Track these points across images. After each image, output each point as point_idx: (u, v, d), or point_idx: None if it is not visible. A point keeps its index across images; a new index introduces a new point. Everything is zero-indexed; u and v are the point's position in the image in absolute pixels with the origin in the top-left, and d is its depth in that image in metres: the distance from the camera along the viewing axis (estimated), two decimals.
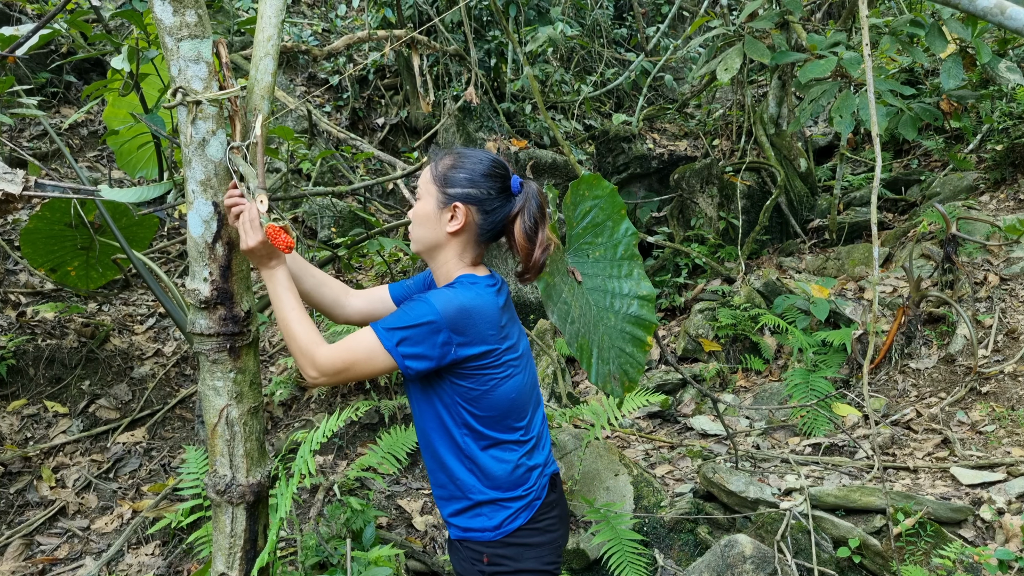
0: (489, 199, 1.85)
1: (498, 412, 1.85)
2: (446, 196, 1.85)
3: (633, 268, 2.32)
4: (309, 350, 1.76)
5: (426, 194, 1.88)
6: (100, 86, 3.39)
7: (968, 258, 5.24)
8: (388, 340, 1.74)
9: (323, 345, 1.77)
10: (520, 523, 1.88)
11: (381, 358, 1.75)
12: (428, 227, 1.88)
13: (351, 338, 1.78)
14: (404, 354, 1.74)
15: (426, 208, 1.88)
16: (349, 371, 1.77)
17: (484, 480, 1.86)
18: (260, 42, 2.05)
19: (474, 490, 1.87)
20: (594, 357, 2.26)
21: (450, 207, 1.84)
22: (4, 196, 2.20)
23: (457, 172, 1.86)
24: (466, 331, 1.76)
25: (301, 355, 1.77)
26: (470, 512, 1.89)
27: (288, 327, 1.80)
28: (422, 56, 6.70)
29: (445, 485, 1.92)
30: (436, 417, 1.87)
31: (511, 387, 1.86)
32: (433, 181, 1.87)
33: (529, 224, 1.86)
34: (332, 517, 3.22)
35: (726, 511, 3.49)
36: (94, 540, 3.50)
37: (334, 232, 6.27)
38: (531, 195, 1.88)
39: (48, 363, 4.27)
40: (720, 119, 8.19)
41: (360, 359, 1.76)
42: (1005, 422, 4.03)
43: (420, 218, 1.89)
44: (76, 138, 6.43)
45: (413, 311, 1.76)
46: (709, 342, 5.38)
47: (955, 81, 4.20)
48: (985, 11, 2.82)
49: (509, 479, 1.87)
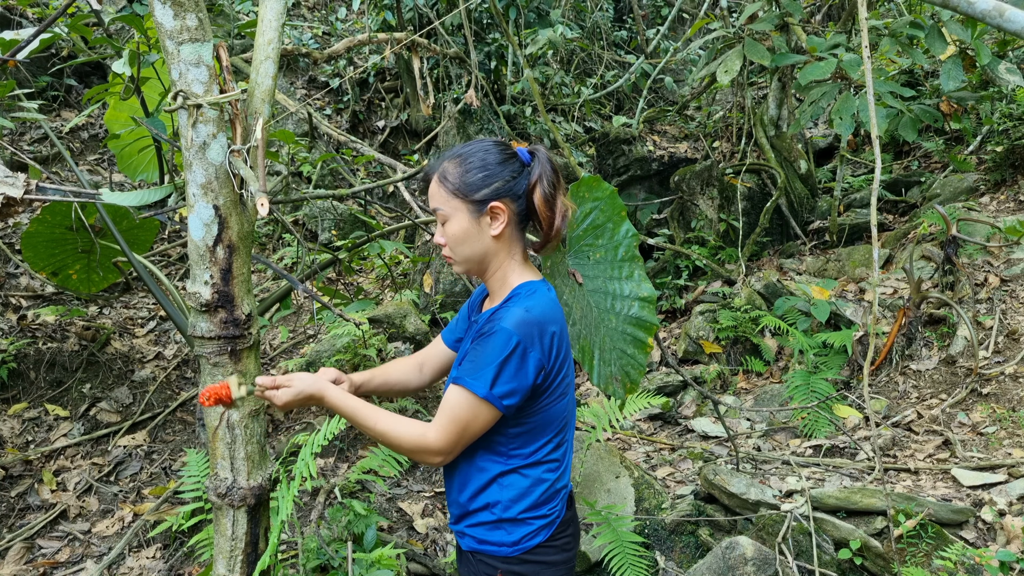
0: (515, 182, 1.75)
1: (547, 429, 1.79)
2: (477, 203, 1.74)
3: (634, 270, 2.32)
4: (419, 444, 1.69)
5: (453, 211, 1.75)
6: (101, 90, 3.40)
7: (969, 259, 5.24)
8: (482, 388, 1.65)
9: (428, 431, 1.69)
10: (540, 540, 1.81)
11: (485, 411, 1.67)
12: (471, 243, 1.77)
13: (446, 407, 1.70)
14: (501, 395, 1.66)
15: (461, 225, 1.75)
16: (464, 436, 1.69)
17: (515, 498, 1.79)
18: (261, 45, 2.05)
19: (500, 507, 1.79)
20: (596, 359, 2.26)
21: (487, 211, 1.74)
22: (5, 200, 2.20)
23: (474, 174, 1.74)
24: (549, 343, 1.70)
25: (418, 452, 1.70)
26: (490, 526, 1.81)
27: (387, 440, 1.71)
28: (422, 59, 6.71)
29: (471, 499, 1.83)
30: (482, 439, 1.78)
31: (560, 409, 1.80)
32: (454, 195, 1.75)
33: (548, 191, 1.76)
34: (333, 520, 3.22)
35: (727, 513, 3.49)
36: (95, 543, 3.50)
37: (335, 235, 6.28)
38: (543, 160, 1.79)
39: (49, 366, 4.27)
40: (720, 121, 8.20)
41: (468, 421, 1.68)
42: (1006, 423, 4.03)
43: (459, 238, 1.76)
44: (77, 141, 6.44)
45: (493, 350, 1.66)
46: (710, 344, 5.38)
47: (955, 83, 4.20)
48: (984, 13, 2.83)
49: (538, 500, 1.80)
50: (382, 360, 4.47)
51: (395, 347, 4.80)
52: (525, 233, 1.84)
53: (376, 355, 4.37)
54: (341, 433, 4.09)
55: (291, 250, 5.68)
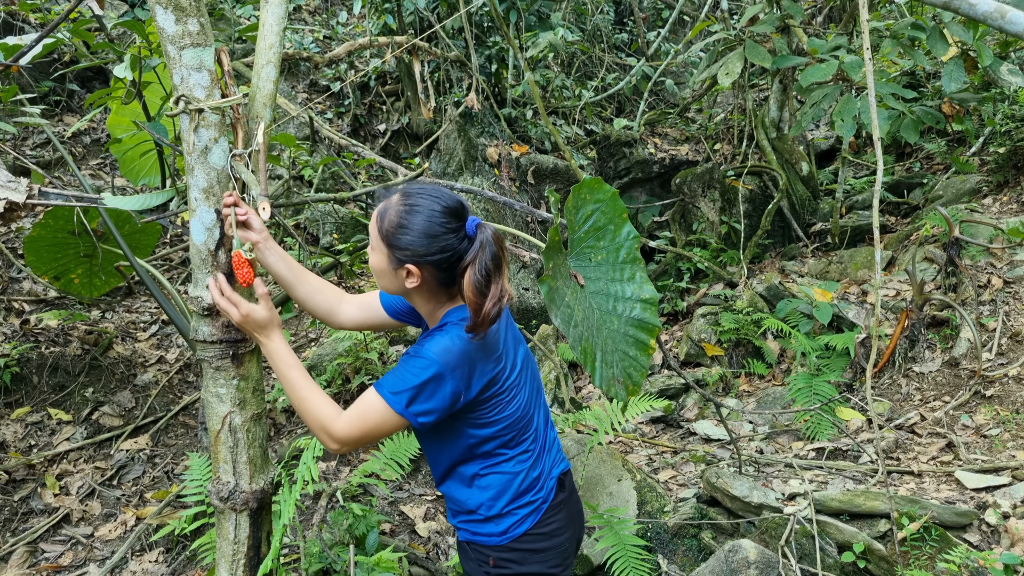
0: (444, 257, 1.73)
1: (507, 430, 1.87)
2: (395, 259, 1.75)
3: (635, 271, 2.32)
4: (326, 425, 1.77)
5: (376, 248, 1.79)
6: (103, 94, 3.40)
7: (971, 261, 5.24)
8: (397, 404, 1.74)
9: (338, 418, 1.77)
10: (526, 527, 1.91)
11: (394, 421, 1.76)
12: (386, 281, 1.83)
13: (361, 406, 1.77)
14: (416, 412, 1.74)
15: (380, 264, 1.80)
16: (367, 437, 1.78)
17: (495, 496, 1.89)
18: (262, 50, 2.05)
19: (483, 507, 1.90)
20: (598, 361, 2.26)
21: (402, 268, 1.76)
22: (8, 204, 2.21)
23: (404, 233, 1.72)
24: (471, 371, 1.76)
25: (319, 430, 1.78)
26: (479, 522, 1.93)
27: (302, 404, 1.80)
28: (423, 62, 6.71)
29: (452, 497, 1.96)
30: (448, 450, 1.89)
31: (516, 405, 1.88)
32: (380, 238, 1.76)
33: (480, 278, 1.70)
34: (335, 523, 3.22)
35: (730, 516, 3.48)
36: (98, 547, 3.50)
37: (336, 238, 6.28)
38: (486, 242, 1.73)
39: (52, 371, 4.28)
40: (721, 123, 8.20)
41: (375, 425, 1.76)
42: (1010, 425, 4.02)
43: (377, 271, 1.83)
44: (79, 146, 6.45)
45: (413, 368, 1.73)
46: (712, 346, 5.37)
47: (957, 84, 4.20)
48: (985, 15, 2.83)
49: (517, 491, 1.90)
50: (384, 364, 4.47)
51: (396, 350, 4.80)
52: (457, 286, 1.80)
53: (378, 359, 4.37)
54: None
55: (293, 253, 5.68)
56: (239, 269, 1.88)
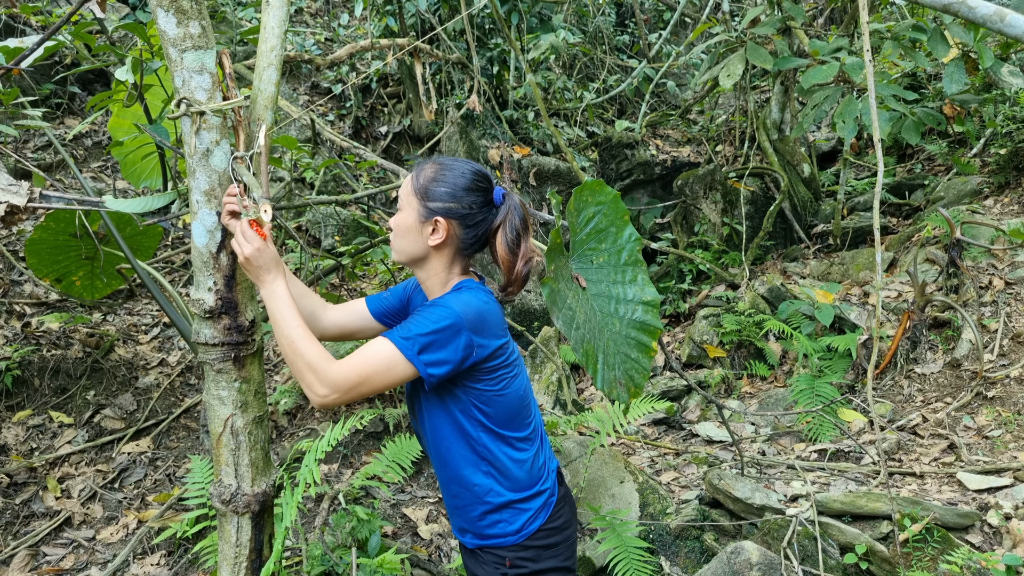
0: (471, 213, 1.83)
1: (511, 410, 1.85)
2: (427, 210, 1.82)
3: (637, 274, 2.32)
4: (319, 365, 1.68)
5: (407, 206, 1.85)
6: (104, 97, 3.41)
7: (973, 262, 5.23)
8: (409, 348, 1.69)
9: (333, 361, 1.70)
10: (539, 523, 1.89)
11: (400, 368, 1.70)
12: (410, 239, 1.85)
13: (364, 350, 1.71)
14: (427, 361, 1.69)
15: (407, 220, 1.84)
16: (364, 385, 1.69)
17: (503, 481, 1.86)
18: (263, 52, 2.05)
19: (492, 493, 1.86)
20: (600, 363, 2.25)
21: (431, 221, 1.82)
22: (9, 208, 2.21)
23: (438, 186, 1.82)
24: (483, 332, 1.75)
25: (310, 371, 1.68)
26: (489, 518, 1.88)
27: (293, 344, 1.72)
28: (425, 64, 6.72)
29: (460, 495, 1.91)
30: (452, 423, 1.85)
31: (519, 384, 1.87)
32: (414, 193, 1.84)
33: (511, 237, 1.84)
34: (337, 526, 3.22)
35: (732, 518, 3.48)
36: (100, 550, 3.50)
37: (338, 241, 6.28)
38: (513, 207, 1.86)
39: (53, 373, 4.28)
40: (723, 125, 8.20)
41: (377, 371, 1.69)
42: (1011, 427, 4.02)
43: (402, 230, 1.86)
44: (80, 149, 6.46)
45: (432, 315, 1.72)
46: (714, 348, 5.37)
47: (958, 85, 4.19)
48: (985, 18, 2.82)
49: (528, 477, 1.88)
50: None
51: None
52: (471, 257, 1.90)
53: None
54: (345, 439, 4.09)
55: (294, 256, 5.68)
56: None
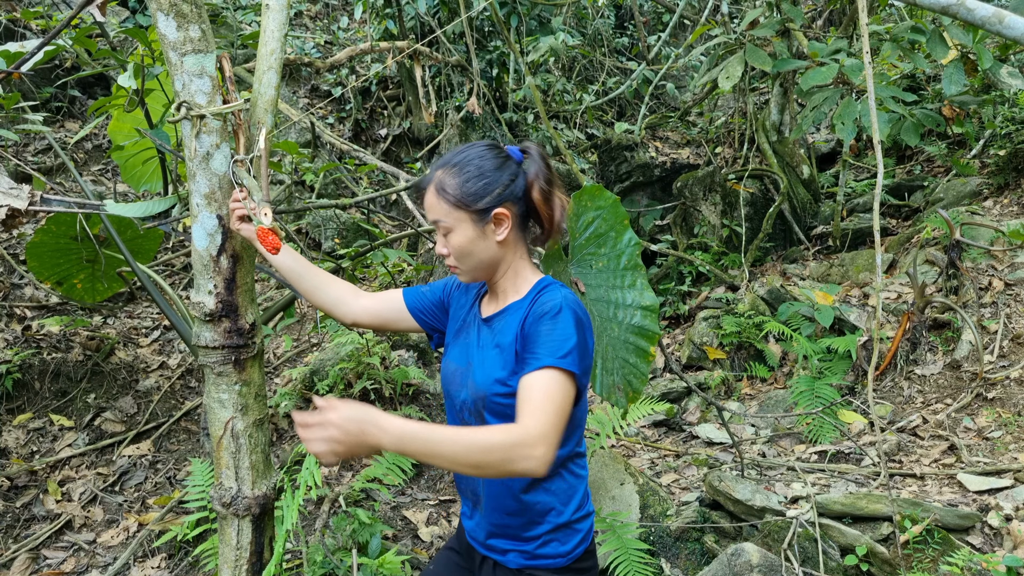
0: (513, 184, 1.71)
1: (578, 423, 1.75)
2: (480, 211, 1.68)
3: (636, 278, 2.32)
4: (515, 438, 1.45)
5: (456, 223, 1.68)
6: (105, 102, 3.41)
7: (972, 263, 5.24)
8: (573, 365, 1.56)
9: (519, 424, 1.49)
10: (586, 546, 1.79)
11: (573, 390, 1.57)
12: (479, 252, 1.71)
13: (537, 393, 1.52)
14: (580, 373, 1.60)
15: (467, 235, 1.69)
16: (561, 423, 1.52)
17: (564, 498, 1.74)
18: (263, 55, 2.06)
19: (553, 512, 1.73)
20: (598, 368, 2.26)
21: (491, 219, 1.69)
22: (10, 211, 2.21)
23: (473, 183, 1.68)
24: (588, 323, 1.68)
25: (512, 450, 1.44)
26: (545, 537, 1.74)
27: (470, 448, 1.44)
28: (424, 67, 6.73)
29: (516, 511, 1.74)
30: None
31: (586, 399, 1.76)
32: (455, 207, 1.68)
33: (545, 187, 1.74)
34: (338, 529, 3.22)
35: (732, 519, 3.48)
36: (100, 553, 3.50)
37: (338, 243, 6.29)
38: (536, 157, 1.76)
39: (54, 376, 4.28)
40: (722, 127, 8.21)
41: (563, 404, 1.53)
42: (1012, 428, 4.02)
43: (465, 250, 1.70)
44: (81, 152, 6.46)
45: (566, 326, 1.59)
46: (714, 350, 5.37)
47: (957, 87, 4.20)
48: (983, 20, 2.83)
49: (584, 496, 1.79)
50: (386, 368, 4.47)
51: (399, 355, 4.80)
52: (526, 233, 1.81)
53: (380, 363, 4.38)
54: None
55: None
56: (264, 238, 1.83)
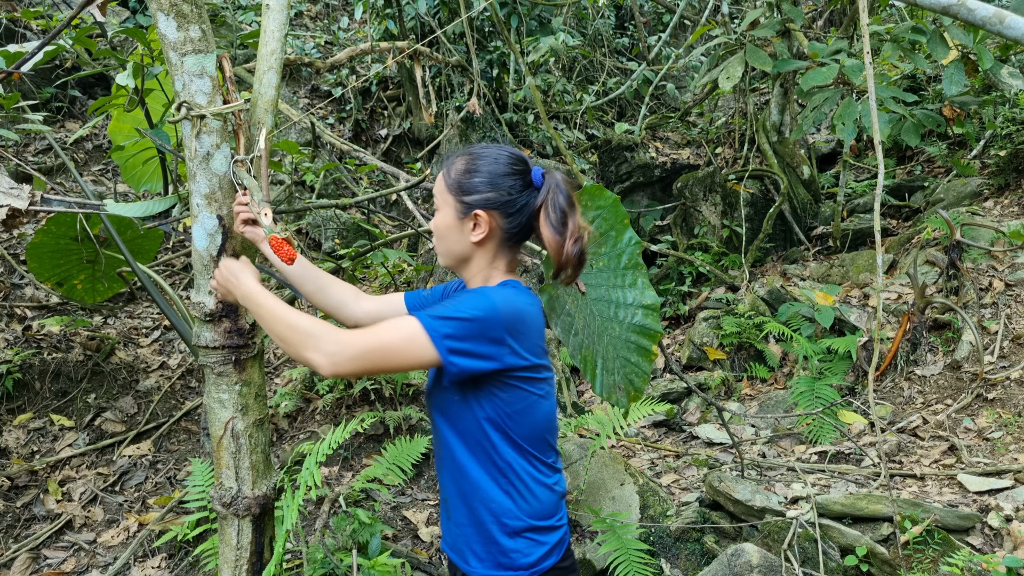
0: (511, 200, 1.69)
1: (537, 430, 1.70)
2: (464, 205, 1.70)
3: (637, 277, 2.32)
4: (324, 331, 1.52)
5: (443, 204, 1.73)
6: (105, 102, 3.41)
7: (973, 264, 5.24)
8: (435, 329, 1.53)
9: (331, 325, 1.56)
10: (554, 560, 1.71)
11: (422, 349, 1.53)
12: (452, 239, 1.73)
13: (388, 322, 1.58)
14: (451, 348, 1.54)
15: (446, 220, 1.73)
16: (379, 354, 1.53)
17: (523, 504, 1.68)
18: (263, 56, 2.06)
19: (510, 515, 1.68)
20: (599, 368, 2.26)
21: (471, 216, 1.69)
22: (10, 211, 2.21)
23: (473, 176, 1.70)
24: (520, 336, 1.61)
25: (317, 333, 1.52)
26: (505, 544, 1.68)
27: (281, 320, 1.60)
28: (424, 67, 6.73)
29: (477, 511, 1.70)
30: (475, 429, 1.66)
31: (549, 407, 1.72)
32: (448, 190, 1.72)
33: (556, 216, 1.67)
34: (338, 529, 3.22)
35: (732, 520, 3.48)
36: (100, 553, 3.50)
37: (338, 244, 6.29)
38: (555, 185, 1.70)
39: (54, 377, 4.28)
40: (722, 127, 8.21)
41: (395, 344, 1.53)
42: (1012, 428, 4.02)
43: (442, 231, 1.74)
44: (81, 152, 6.46)
45: (467, 302, 1.57)
46: (714, 350, 5.37)
47: (957, 87, 4.20)
48: (984, 20, 2.83)
49: (547, 503, 1.72)
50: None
51: None
52: (518, 249, 1.78)
53: None
54: (345, 442, 4.09)
55: None
56: (279, 249, 1.82)
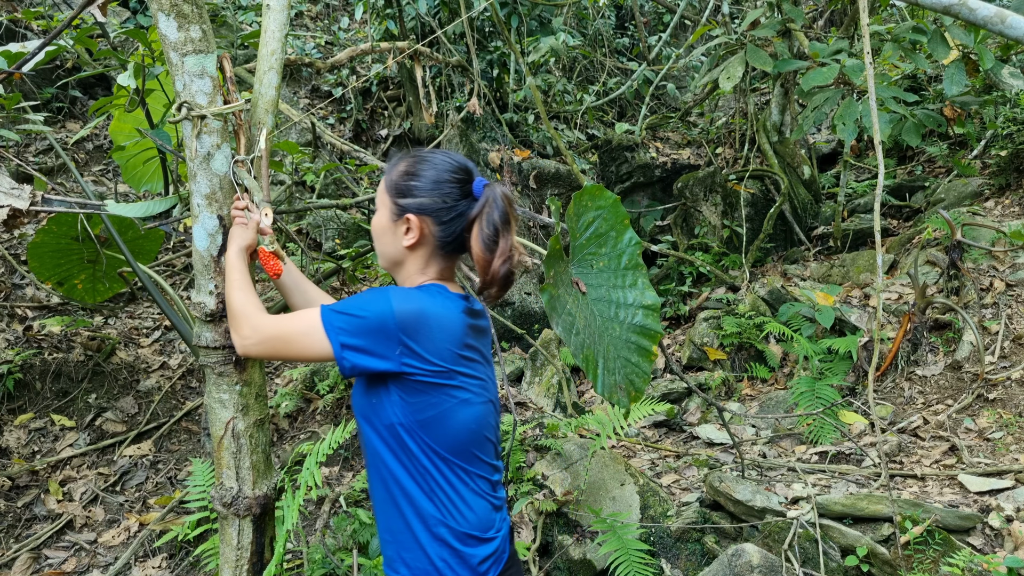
0: (445, 208, 1.67)
1: (460, 440, 1.63)
2: (398, 207, 1.69)
3: (637, 278, 2.32)
4: (251, 313, 1.71)
5: (381, 205, 1.73)
6: (106, 102, 3.41)
7: (973, 264, 5.23)
8: (330, 323, 1.58)
9: (266, 316, 1.70)
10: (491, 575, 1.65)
11: (317, 339, 1.58)
12: (385, 241, 1.73)
13: (299, 312, 1.66)
14: (343, 343, 1.56)
15: (381, 221, 1.73)
16: (281, 342, 1.65)
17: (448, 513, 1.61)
18: (264, 56, 2.06)
19: (434, 522, 1.60)
20: (600, 368, 2.26)
21: (403, 220, 1.68)
22: (11, 212, 2.22)
23: (410, 180, 1.69)
24: (419, 338, 1.56)
25: (242, 316, 1.71)
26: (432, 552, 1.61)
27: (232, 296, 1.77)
28: (425, 68, 6.73)
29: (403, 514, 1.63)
30: (393, 436, 1.61)
31: (471, 416, 1.64)
32: (387, 191, 1.72)
33: (488, 232, 1.64)
34: (338, 529, 3.22)
35: (733, 520, 3.48)
36: (101, 553, 3.50)
37: (338, 244, 6.29)
38: (493, 199, 1.67)
39: (55, 377, 4.28)
40: (723, 127, 8.21)
41: (297, 333, 1.62)
42: (1013, 428, 4.01)
43: (377, 232, 1.75)
44: (81, 152, 6.47)
45: (364, 298, 1.59)
46: (714, 351, 5.37)
47: (958, 87, 4.19)
48: (985, 20, 2.83)
49: (481, 518, 1.64)
50: None
51: None
52: (454, 259, 1.76)
53: None
54: (346, 442, 4.09)
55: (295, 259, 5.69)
56: (267, 262, 1.89)
